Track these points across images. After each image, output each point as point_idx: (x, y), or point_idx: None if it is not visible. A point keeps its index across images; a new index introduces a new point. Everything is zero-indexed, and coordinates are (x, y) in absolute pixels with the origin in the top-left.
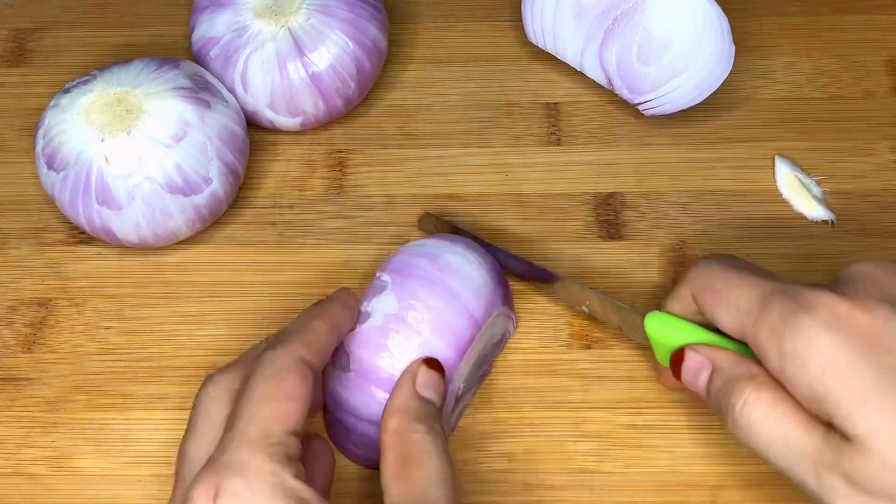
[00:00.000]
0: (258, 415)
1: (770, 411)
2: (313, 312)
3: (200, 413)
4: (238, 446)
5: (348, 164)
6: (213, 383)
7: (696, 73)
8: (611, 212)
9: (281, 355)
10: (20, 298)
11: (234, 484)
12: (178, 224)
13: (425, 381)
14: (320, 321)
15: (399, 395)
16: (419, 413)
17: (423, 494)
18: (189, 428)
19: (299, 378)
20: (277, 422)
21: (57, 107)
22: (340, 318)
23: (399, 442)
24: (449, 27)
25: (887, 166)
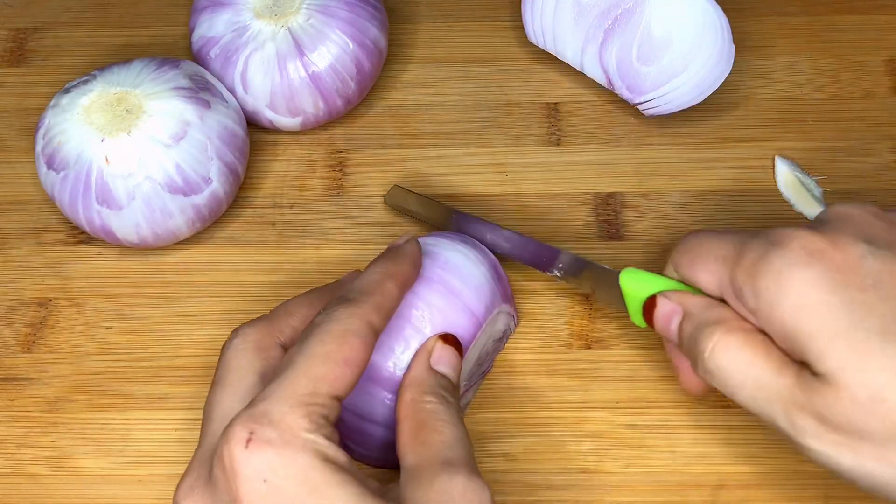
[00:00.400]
0: (310, 371)
1: (740, 354)
2: (387, 270)
3: (228, 365)
4: (280, 398)
5: (348, 164)
6: (241, 336)
7: (696, 73)
8: (611, 212)
9: (351, 317)
10: (20, 298)
11: (267, 433)
12: (178, 224)
13: (440, 355)
14: (393, 283)
15: (414, 370)
16: (433, 385)
17: (440, 455)
18: (216, 380)
19: (363, 344)
20: (328, 383)
21: (57, 107)
22: (410, 281)
23: (413, 411)
24: (449, 27)
25: (887, 166)
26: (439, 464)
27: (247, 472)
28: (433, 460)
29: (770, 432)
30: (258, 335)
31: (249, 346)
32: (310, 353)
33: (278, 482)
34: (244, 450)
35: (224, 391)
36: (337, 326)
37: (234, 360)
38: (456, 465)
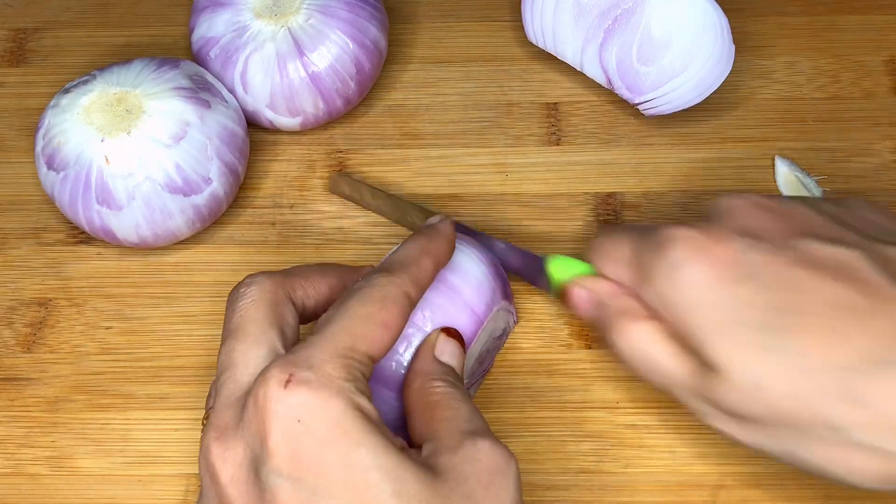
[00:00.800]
0: (351, 329)
1: (643, 343)
2: (423, 247)
3: (247, 314)
4: (321, 347)
5: (348, 164)
6: (257, 285)
7: (696, 73)
8: (611, 212)
9: (389, 284)
10: (20, 298)
11: (306, 376)
12: (178, 224)
13: (444, 347)
14: (429, 259)
15: (419, 361)
16: (440, 373)
17: (460, 427)
18: (233, 328)
19: (400, 311)
20: (366, 342)
21: (57, 107)
22: (444, 259)
23: (423, 396)
24: (449, 27)
25: (887, 166)
26: (461, 433)
27: (282, 411)
28: (455, 430)
29: None
30: (274, 288)
31: (267, 297)
32: (350, 313)
33: (312, 424)
34: (282, 389)
35: (246, 341)
36: (377, 292)
37: (253, 309)
38: (479, 433)
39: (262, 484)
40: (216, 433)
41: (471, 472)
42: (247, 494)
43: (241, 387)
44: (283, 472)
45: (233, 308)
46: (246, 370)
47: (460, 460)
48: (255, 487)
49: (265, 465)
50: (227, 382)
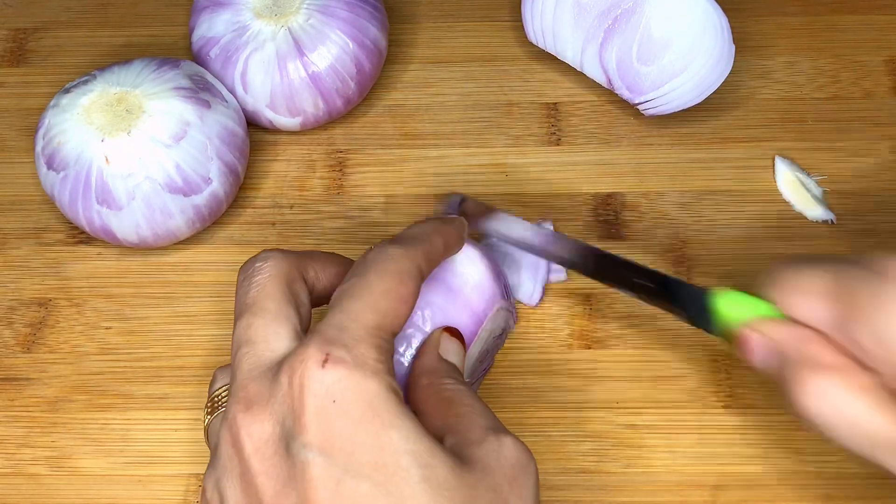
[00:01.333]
0: (376, 305)
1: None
2: (435, 227)
3: (264, 290)
4: (352, 326)
5: (348, 164)
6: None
7: (696, 73)
8: (611, 212)
9: (404, 257)
10: (20, 298)
11: (343, 355)
12: (178, 224)
13: (447, 346)
14: (441, 239)
15: (425, 359)
16: (448, 370)
17: (479, 422)
18: (250, 303)
19: (415, 286)
20: (390, 320)
21: (57, 107)
22: (453, 244)
23: (434, 392)
24: (449, 27)
25: (887, 166)
26: (482, 429)
27: (318, 390)
28: (476, 425)
29: (770, 432)
30: (287, 265)
31: (283, 273)
32: (372, 288)
33: (346, 404)
34: (320, 370)
35: (266, 316)
36: (393, 265)
37: (269, 285)
38: (501, 430)
39: (293, 458)
40: (243, 405)
41: (496, 466)
42: (274, 468)
43: (265, 362)
44: (316, 447)
45: (248, 283)
46: (267, 346)
47: (485, 453)
48: (284, 461)
49: (296, 440)
50: (248, 357)
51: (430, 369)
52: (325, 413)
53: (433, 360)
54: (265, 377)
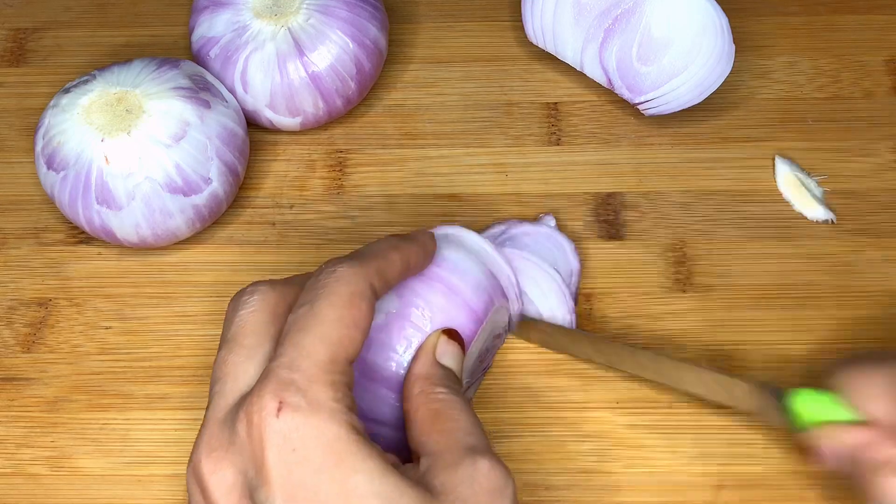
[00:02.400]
0: (328, 337)
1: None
2: (392, 244)
3: (244, 325)
4: (303, 367)
5: (348, 164)
6: (259, 294)
7: (696, 73)
8: (611, 212)
9: (355, 277)
10: (20, 298)
11: (297, 402)
12: (178, 224)
13: (444, 350)
14: (398, 255)
15: (419, 364)
16: (442, 377)
17: (461, 441)
18: (230, 338)
19: (368, 307)
20: (344, 348)
21: (57, 107)
22: (415, 261)
23: (424, 402)
24: (449, 27)
25: (887, 166)
26: (461, 449)
27: (277, 440)
28: (454, 446)
29: (770, 432)
30: (276, 298)
31: (268, 307)
32: (322, 317)
33: (307, 451)
34: (275, 419)
35: (240, 353)
36: (344, 288)
37: (251, 320)
38: (479, 451)
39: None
40: (207, 449)
41: (469, 494)
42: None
43: (229, 402)
44: (280, 499)
45: (232, 316)
46: (235, 384)
47: (459, 481)
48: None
49: (260, 491)
50: (217, 397)
51: (423, 375)
52: (286, 463)
53: (427, 365)
54: (227, 421)
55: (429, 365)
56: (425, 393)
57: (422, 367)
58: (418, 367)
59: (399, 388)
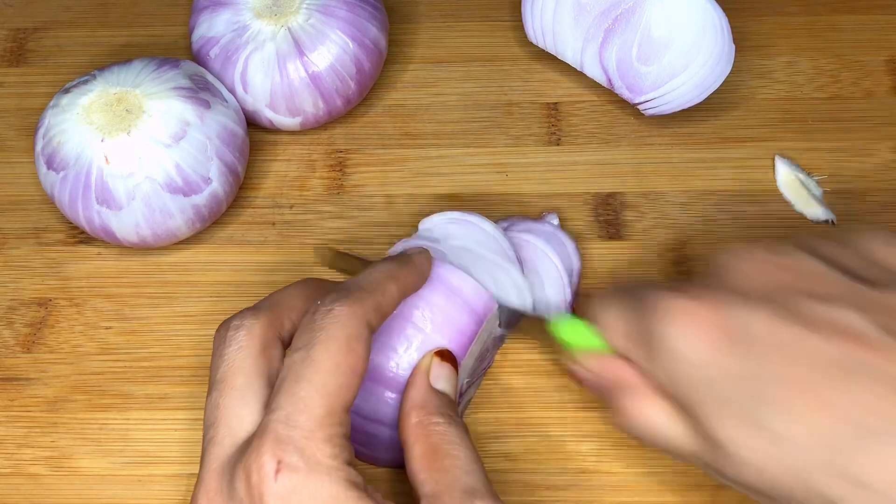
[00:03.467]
0: (325, 387)
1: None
2: (389, 272)
3: (233, 364)
4: (300, 422)
5: (348, 164)
6: (245, 330)
7: (696, 73)
8: (611, 212)
9: (352, 318)
10: (20, 298)
11: (294, 461)
12: (177, 224)
13: (438, 373)
14: (395, 286)
15: (415, 391)
16: (438, 406)
17: (459, 482)
18: (220, 379)
19: (365, 349)
20: (342, 398)
21: (57, 107)
22: (411, 289)
23: (423, 435)
24: (449, 27)
25: (887, 166)
26: (461, 492)
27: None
28: (453, 488)
29: None
30: (262, 330)
31: (256, 343)
32: (319, 366)
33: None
34: (274, 481)
35: (232, 395)
36: (340, 332)
37: (239, 358)
38: (479, 493)
39: None
40: (205, 500)
41: None
42: None
43: (226, 451)
44: None
45: (219, 354)
46: (229, 431)
47: None
48: None
49: None
50: (212, 445)
51: (420, 403)
52: None
53: (423, 392)
54: (225, 474)
55: (424, 391)
56: (422, 424)
57: (417, 394)
58: (414, 393)
59: (399, 389)
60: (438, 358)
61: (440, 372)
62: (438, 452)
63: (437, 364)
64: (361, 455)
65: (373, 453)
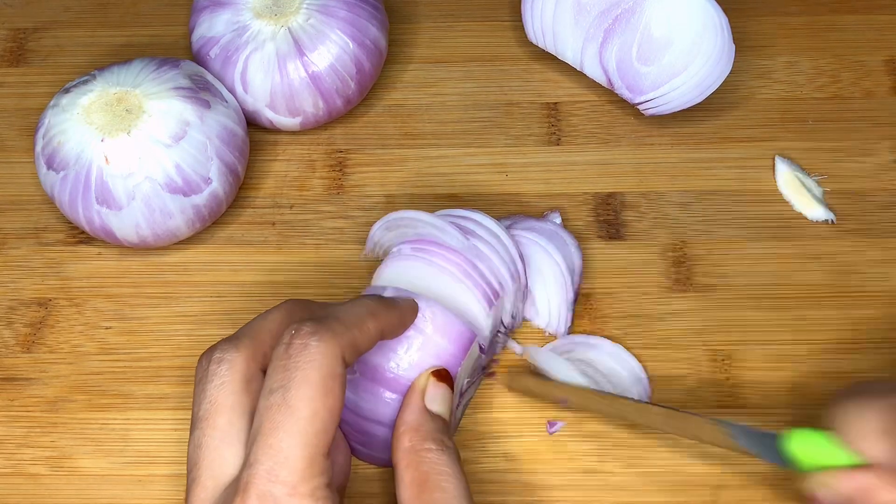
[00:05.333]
0: (305, 435)
1: None
2: (370, 309)
3: (214, 401)
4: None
5: (348, 164)
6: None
7: (696, 72)
8: (611, 212)
9: (328, 356)
10: (20, 298)
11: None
12: (178, 224)
13: (434, 394)
14: (374, 325)
15: (409, 412)
16: (431, 431)
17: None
18: (202, 416)
19: (341, 387)
20: (322, 445)
21: (57, 107)
22: (390, 332)
23: (414, 462)
24: (449, 27)
25: (887, 166)
26: None
27: None
28: None
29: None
30: (244, 363)
31: (237, 378)
32: (297, 413)
33: None
34: None
35: (214, 435)
36: (316, 373)
37: (222, 396)
38: None
39: None
40: None
41: None
42: None
43: (210, 494)
44: None
45: (201, 389)
46: (211, 473)
47: None
48: None
49: None
50: (195, 485)
51: (413, 426)
52: None
53: (417, 412)
54: None
55: (418, 412)
56: (415, 450)
57: (411, 416)
58: (407, 417)
59: (398, 389)
60: (434, 378)
61: (435, 393)
62: (428, 483)
63: (433, 385)
64: (360, 455)
65: (371, 453)
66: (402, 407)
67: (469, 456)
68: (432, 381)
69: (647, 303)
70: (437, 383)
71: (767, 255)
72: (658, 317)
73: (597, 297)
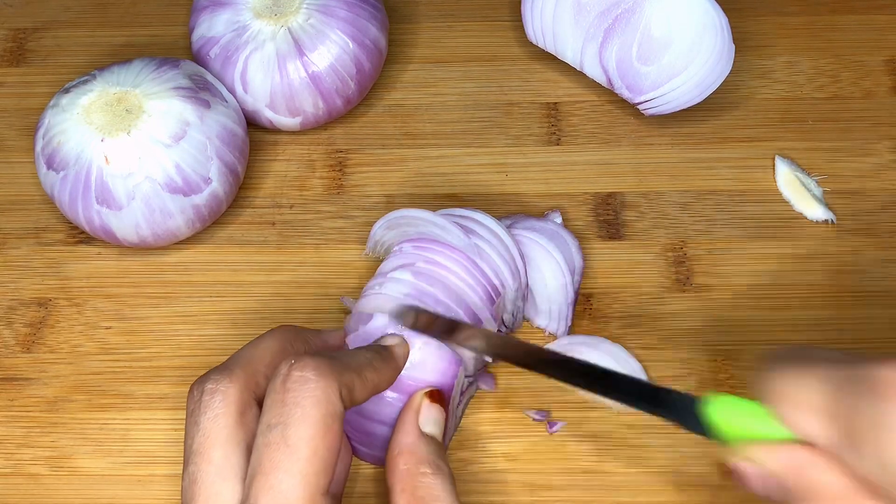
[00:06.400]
0: (305, 475)
1: None
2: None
3: (209, 435)
4: None
5: (348, 164)
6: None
7: (696, 72)
8: (611, 212)
9: (327, 392)
10: (20, 298)
11: None
12: (177, 224)
13: (427, 416)
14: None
15: (403, 434)
16: (426, 454)
17: None
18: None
19: (340, 424)
20: (321, 484)
21: (57, 107)
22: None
23: (410, 486)
24: (449, 27)
25: (887, 166)
26: None
27: None
28: None
29: None
30: (237, 394)
31: (232, 409)
32: (297, 453)
33: None
34: None
35: (209, 470)
36: (316, 410)
37: (216, 429)
38: None
39: None
40: None
41: None
42: None
43: None
44: None
45: (194, 421)
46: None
47: None
48: None
49: None
50: None
51: (408, 449)
52: None
53: (412, 435)
54: None
55: (413, 435)
56: (410, 473)
57: (406, 439)
58: (402, 437)
59: (401, 389)
60: (428, 399)
61: (429, 415)
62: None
63: (427, 406)
64: (362, 454)
65: (373, 452)
66: (396, 427)
67: (469, 456)
68: (426, 402)
69: (647, 303)
70: (431, 405)
71: (767, 255)
72: (658, 317)
73: (597, 297)
